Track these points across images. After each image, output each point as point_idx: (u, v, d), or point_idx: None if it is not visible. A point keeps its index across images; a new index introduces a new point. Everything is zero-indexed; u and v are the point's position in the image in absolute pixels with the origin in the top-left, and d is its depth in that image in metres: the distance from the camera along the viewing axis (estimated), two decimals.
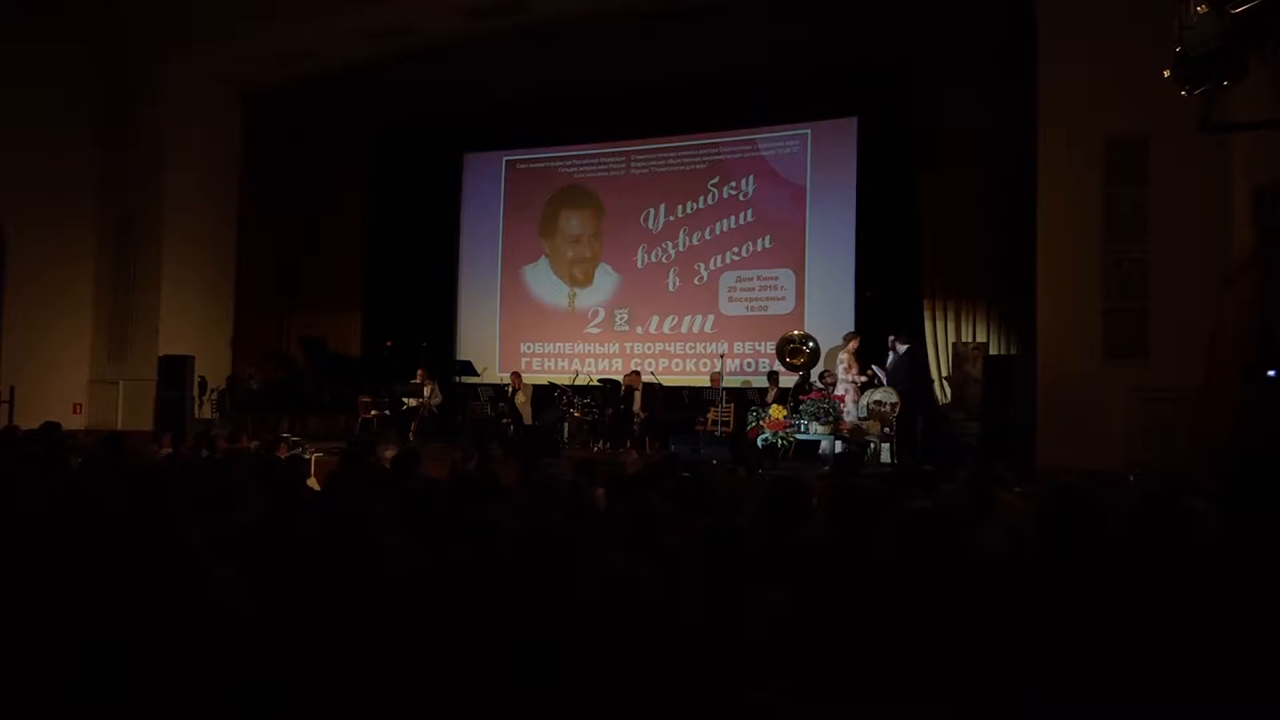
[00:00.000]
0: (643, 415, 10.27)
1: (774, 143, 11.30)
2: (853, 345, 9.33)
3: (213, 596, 1.88)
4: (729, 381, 10.70)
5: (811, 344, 9.93)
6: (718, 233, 11.51)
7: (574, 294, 12.36)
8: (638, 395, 10.39)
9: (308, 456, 7.98)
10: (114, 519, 2.85)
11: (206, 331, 12.51)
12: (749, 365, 11.18)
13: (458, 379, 11.88)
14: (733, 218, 11.45)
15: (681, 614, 1.98)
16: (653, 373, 10.97)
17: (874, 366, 9.25)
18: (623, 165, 12.16)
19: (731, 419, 10.00)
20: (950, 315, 9.82)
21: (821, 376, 9.42)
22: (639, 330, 11.89)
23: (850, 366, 9.21)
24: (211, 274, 12.72)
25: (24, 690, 1.83)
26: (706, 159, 11.66)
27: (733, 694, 1.47)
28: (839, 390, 8.94)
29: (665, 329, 11.75)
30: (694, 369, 11.47)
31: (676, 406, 10.82)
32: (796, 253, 11.08)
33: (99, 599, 2.16)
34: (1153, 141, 7.57)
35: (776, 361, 10.12)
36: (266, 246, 13.28)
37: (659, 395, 10.49)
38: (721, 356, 10.86)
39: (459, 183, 13.10)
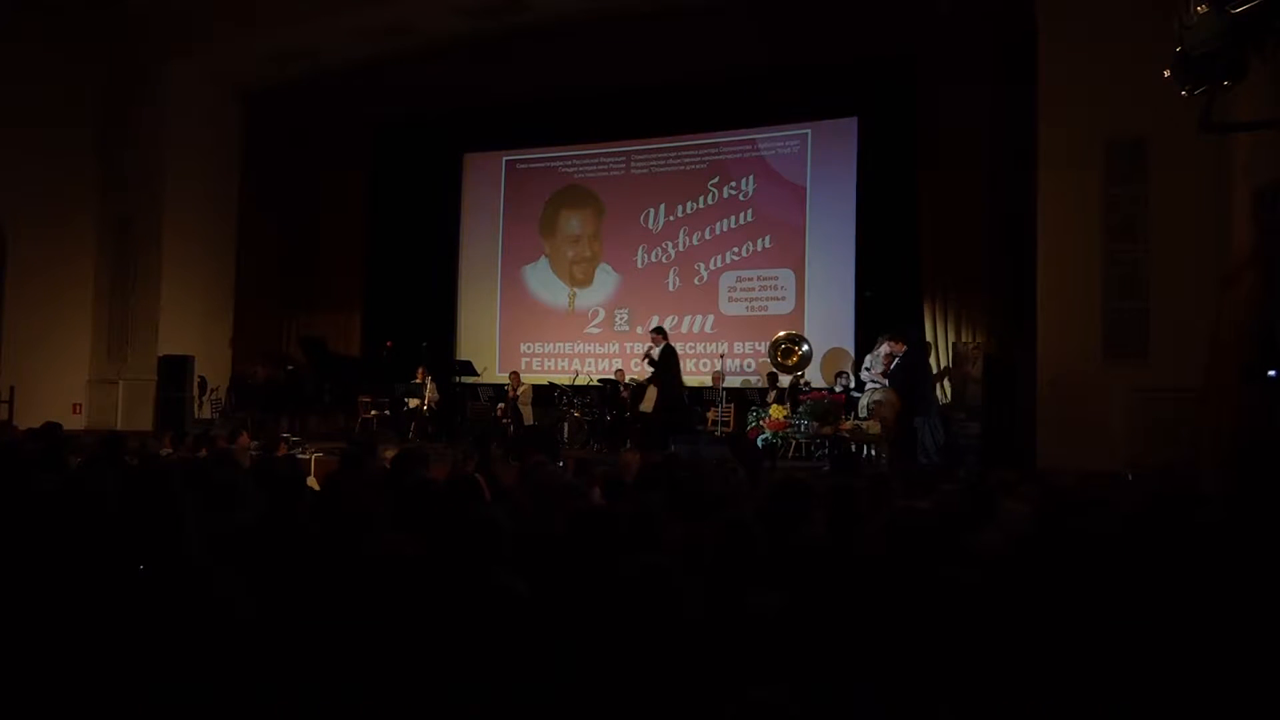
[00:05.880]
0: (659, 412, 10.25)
1: (774, 143, 11.30)
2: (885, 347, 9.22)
3: (212, 596, 1.88)
4: (729, 381, 10.71)
5: (806, 347, 9.97)
6: (718, 233, 11.51)
7: (574, 294, 12.36)
8: (654, 393, 10.36)
9: (307, 456, 7.97)
10: (113, 518, 2.85)
11: (206, 331, 12.53)
12: (749, 365, 11.18)
13: (457, 379, 11.88)
14: (733, 218, 11.45)
15: (684, 613, 1.98)
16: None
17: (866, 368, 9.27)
18: (623, 165, 12.16)
19: (731, 419, 10.00)
20: (950, 315, 9.82)
21: (838, 377, 9.42)
22: (639, 330, 11.88)
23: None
24: (211, 274, 12.73)
25: (23, 690, 1.83)
26: (706, 159, 11.66)
27: (734, 692, 1.47)
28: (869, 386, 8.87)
29: (665, 329, 11.73)
30: (694, 369, 11.46)
31: (676, 406, 10.81)
32: (796, 253, 11.08)
33: (98, 599, 2.16)
34: (1153, 141, 7.57)
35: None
36: (266, 246, 13.28)
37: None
38: (721, 356, 10.87)
39: (459, 183, 13.10)
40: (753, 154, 11.40)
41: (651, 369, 9.74)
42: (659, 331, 9.88)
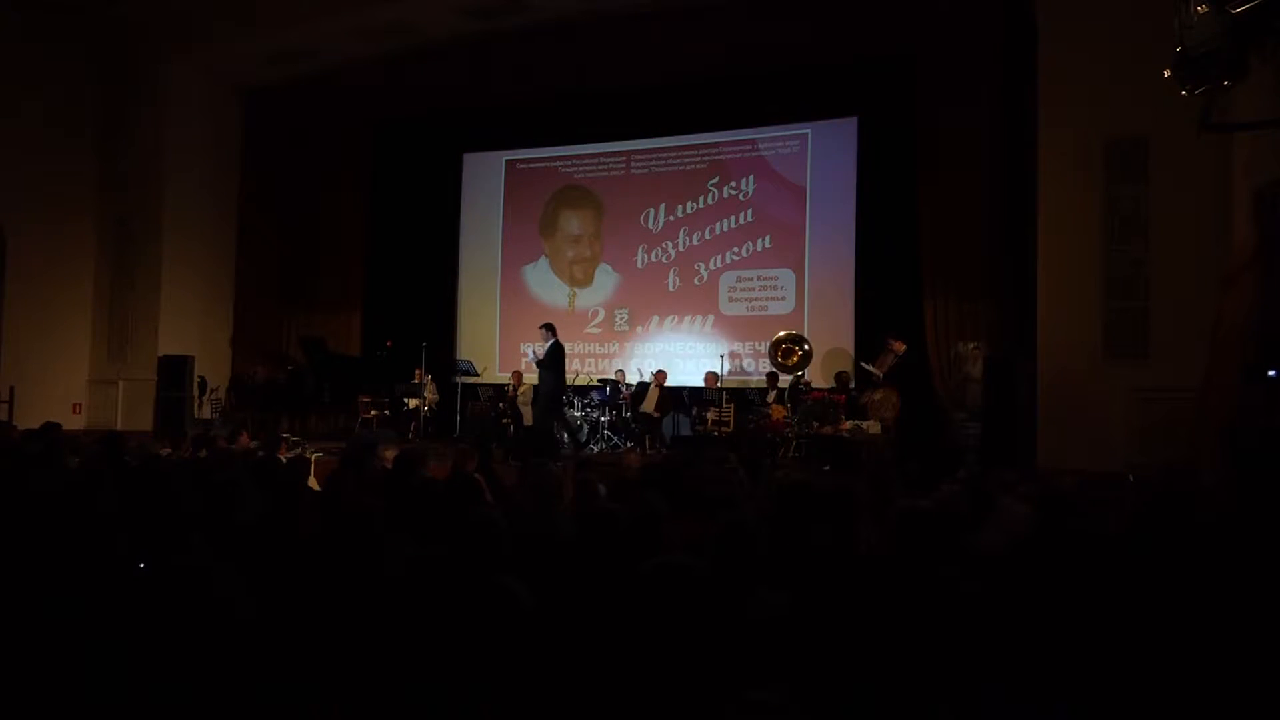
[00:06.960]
0: (658, 415, 10.28)
1: (774, 143, 11.29)
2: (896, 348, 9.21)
3: (212, 596, 1.88)
4: (729, 381, 10.71)
5: (806, 346, 9.98)
6: (718, 233, 11.51)
7: (574, 294, 12.35)
8: (656, 393, 10.36)
9: (308, 456, 7.97)
10: (113, 518, 2.85)
11: (206, 331, 12.52)
12: (749, 365, 11.18)
13: (457, 379, 11.88)
14: (733, 218, 11.45)
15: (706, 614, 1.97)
16: (653, 372, 10.97)
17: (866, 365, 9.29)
18: (623, 165, 12.15)
19: (731, 419, 10.00)
20: (950, 315, 9.82)
21: (838, 377, 9.42)
22: (639, 330, 11.89)
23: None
24: (211, 274, 12.73)
25: (24, 691, 1.83)
26: (706, 159, 11.65)
27: (733, 693, 1.47)
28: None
29: (665, 329, 11.75)
30: (694, 369, 11.46)
31: (676, 407, 10.83)
32: (796, 253, 11.08)
33: (98, 598, 2.16)
34: (1153, 141, 7.57)
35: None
36: (266, 246, 13.28)
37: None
38: (721, 356, 10.86)
39: (459, 183, 13.09)
40: (753, 154, 11.39)
41: (539, 368, 9.38)
42: (547, 328, 9.48)
